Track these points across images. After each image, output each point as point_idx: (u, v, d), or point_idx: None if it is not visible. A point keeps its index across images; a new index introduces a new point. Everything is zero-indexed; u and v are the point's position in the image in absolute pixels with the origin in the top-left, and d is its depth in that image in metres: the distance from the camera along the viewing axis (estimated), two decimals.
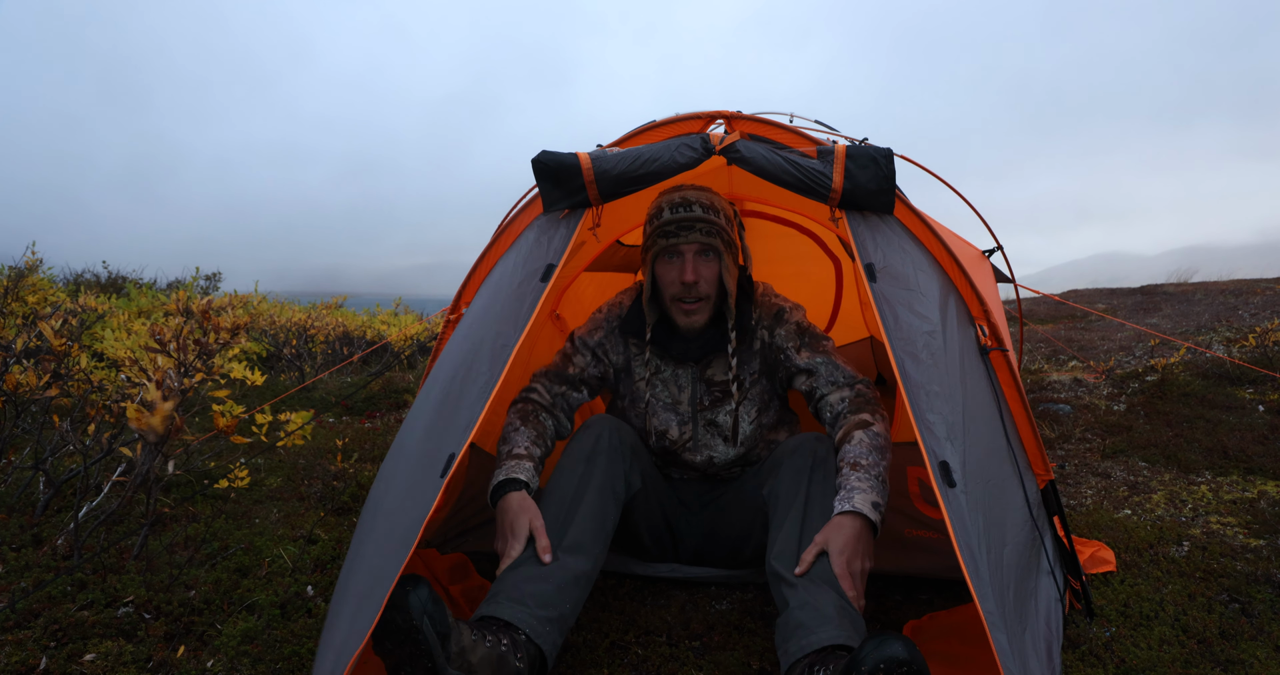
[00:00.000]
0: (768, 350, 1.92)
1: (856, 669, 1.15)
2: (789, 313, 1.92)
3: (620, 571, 1.97)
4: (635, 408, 1.97)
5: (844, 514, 1.52)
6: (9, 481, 2.37)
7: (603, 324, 2.00)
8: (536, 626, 1.41)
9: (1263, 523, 2.33)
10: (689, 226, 1.80)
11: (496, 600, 1.44)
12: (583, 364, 1.96)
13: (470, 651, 1.28)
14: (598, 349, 1.97)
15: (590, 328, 2.00)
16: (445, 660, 1.23)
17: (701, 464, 1.95)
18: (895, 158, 1.61)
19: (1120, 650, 1.58)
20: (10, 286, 3.28)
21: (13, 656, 1.46)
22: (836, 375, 1.82)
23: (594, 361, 1.97)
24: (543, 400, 1.89)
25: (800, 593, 1.43)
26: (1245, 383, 4.18)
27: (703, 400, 1.93)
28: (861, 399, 1.77)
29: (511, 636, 1.37)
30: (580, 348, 1.98)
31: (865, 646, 1.17)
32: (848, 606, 1.41)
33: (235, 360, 2.32)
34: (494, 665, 1.30)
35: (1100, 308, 7.91)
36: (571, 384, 1.95)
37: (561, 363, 1.97)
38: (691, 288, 1.81)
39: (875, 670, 1.13)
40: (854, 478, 1.57)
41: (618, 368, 2.00)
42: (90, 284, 6.99)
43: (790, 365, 1.88)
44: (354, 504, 2.50)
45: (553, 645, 1.42)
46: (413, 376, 5.07)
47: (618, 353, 1.98)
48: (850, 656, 1.19)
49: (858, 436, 1.65)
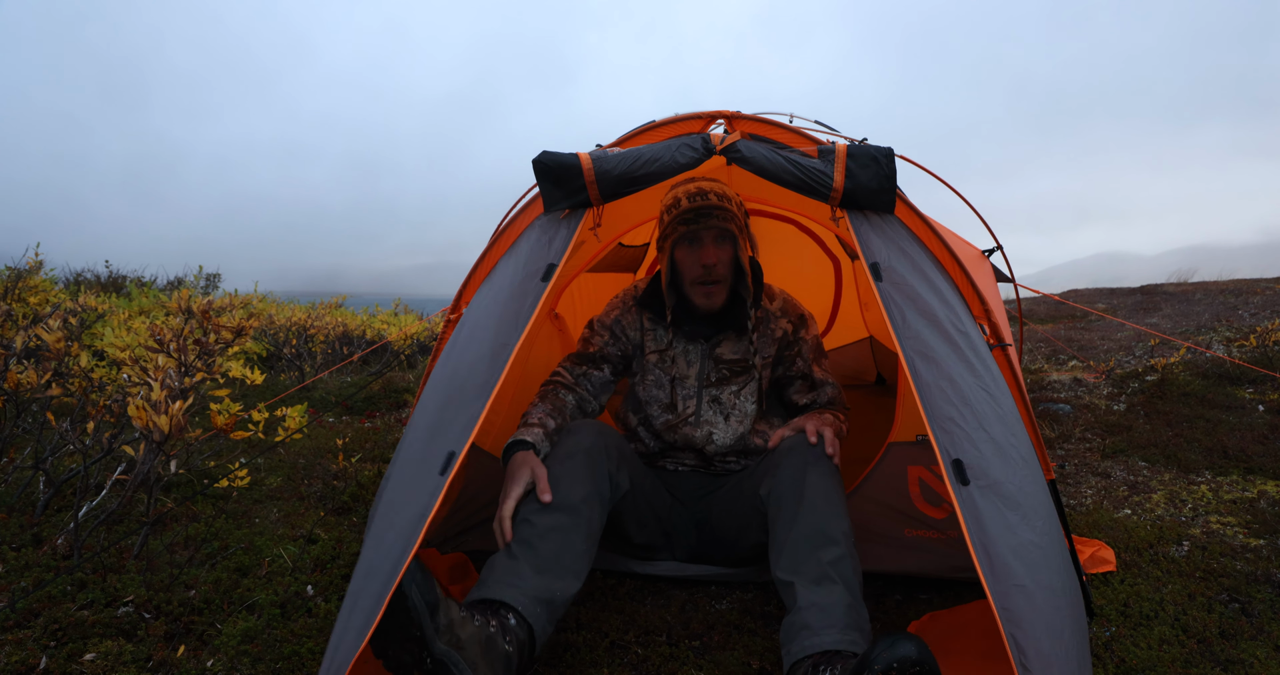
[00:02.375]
0: (786, 343, 2.05)
1: (868, 669, 1.14)
2: (810, 322, 2.10)
3: (620, 571, 1.97)
4: (645, 380, 2.06)
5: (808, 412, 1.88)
6: (9, 481, 2.37)
7: (619, 305, 2.12)
8: (529, 605, 1.41)
9: (1263, 522, 2.33)
10: (707, 214, 1.89)
11: (485, 585, 1.45)
12: (601, 342, 2.07)
13: (459, 626, 1.27)
14: (615, 327, 2.09)
15: (608, 310, 2.12)
16: (434, 632, 1.22)
17: (700, 441, 1.99)
18: (895, 157, 1.61)
19: (1120, 650, 1.58)
20: (10, 287, 3.28)
21: (13, 656, 1.46)
22: (837, 399, 2.05)
23: (613, 340, 2.08)
24: (564, 380, 2.01)
25: (810, 594, 1.44)
26: (1245, 383, 4.18)
27: (710, 376, 2.01)
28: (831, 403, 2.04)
29: (501, 620, 1.37)
30: (599, 329, 2.09)
31: (877, 646, 1.16)
32: (858, 611, 1.41)
33: (234, 359, 2.32)
34: (482, 644, 1.29)
35: (1100, 307, 7.91)
36: (592, 362, 2.05)
37: (582, 345, 2.09)
38: (711, 270, 1.91)
39: (888, 670, 1.13)
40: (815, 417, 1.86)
41: (635, 343, 2.09)
42: (90, 283, 6.98)
43: (805, 371, 2.05)
44: (354, 504, 2.50)
45: (543, 628, 1.42)
46: (413, 376, 5.07)
47: (635, 329, 2.09)
48: (861, 657, 1.19)
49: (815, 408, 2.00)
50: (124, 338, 3.39)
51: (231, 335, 2.12)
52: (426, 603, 1.23)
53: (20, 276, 3.49)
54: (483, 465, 2.17)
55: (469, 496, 2.15)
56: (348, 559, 2.00)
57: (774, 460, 1.74)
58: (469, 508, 2.14)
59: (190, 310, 2.56)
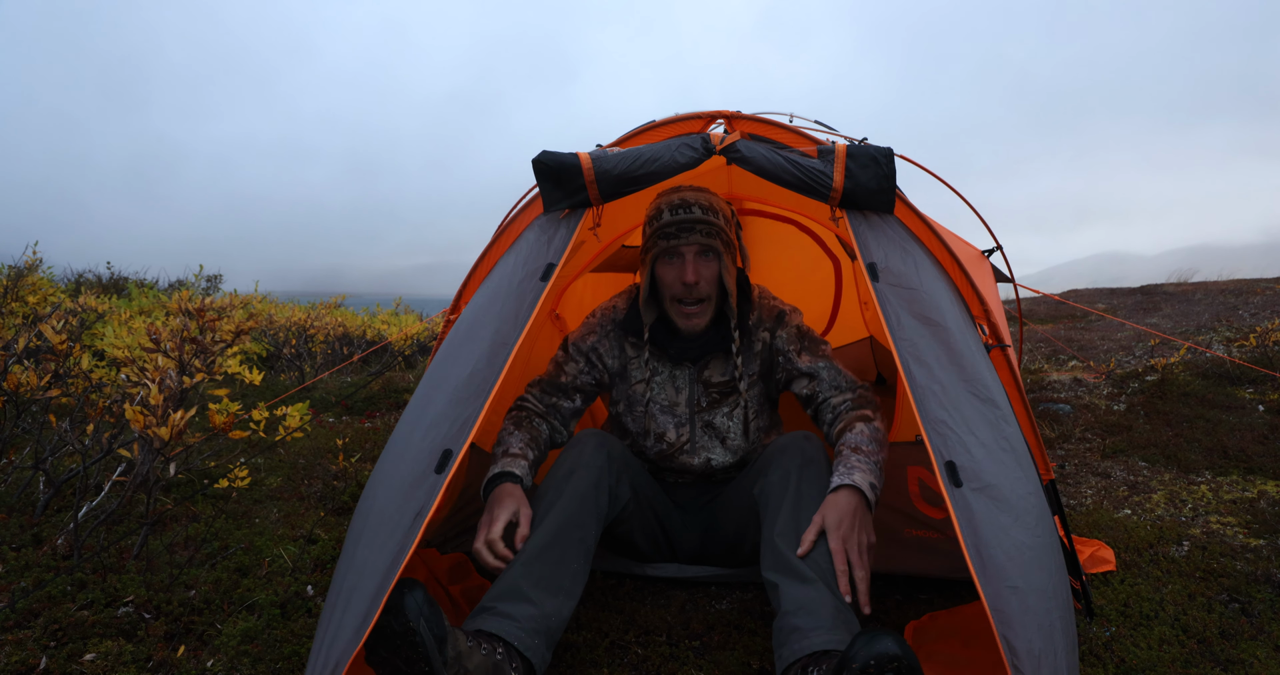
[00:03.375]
0: (768, 352, 1.92)
1: (848, 667, 1.15)
2: (789, 315, 1.93)
3: (620, 572, 1.97)
4: (633, 411, 1.97)
5: (840, 488, 1.53)
6: (9, 481, 2.37)
7: (596, 328, 1.97)
8: (524, 638, 1.40)
9: (1263, 522, 2.33)
10: (689, 228, 1.79)
11: (482, 616, 1.44)
12: (575, 371, 1.94)
13: (466, 657, 1.27)
14: (591, 354, 1.96)
15: (584, 332, 1.98)
16: (442, 665, 1.22)
17: (699, 467, 1.95)
18: (895, 157, 1.61)
19: (1120, 650, 1.58)
20: (10, 286, 3.28)
21: (13, 656, 1.46)
22: (839, 380, 1.84)
23: (587, 368, 1.95)
24: (536, 408, 1.90)
25: (796, 595, 1.42)
26: (1245, 383, 4.18)
27: (700, 402, 1.93)
28: (863, 400, 1.79)
29: (505, 645, 1.38)
30: (573, 354, 1.96)
31: (855, 644, 1.16)
32: (844, 609, 1.41)
33: (233, 359, 2.32)
34: (490, 672, 1.30)
35: (1100, 308, 7.91)
36: (564, 393, 1.94)
37: (554, 371, 1.96)
38: (692, 288, 1.81)
39: (866, 667, 1.13)
40: (854, 459, 1.59)
41: (613, 371, 1.97)
42: (91, 284, 6.98)
43: (792, 368, 1.89)
44: (354, 504, 2.50)
45: (541, 657, 1.42)
46: (413, 376, 5.07)
47: (613, 356, 1.96)
48: (841, 655, 1.19)
49: (859, 427, 1.68)
50: (124, 338, 3.39)
51: (230, 336, 2.12)
52: (435, 636, 1.23)
53: (20, 276, 3.49)
54: (483, 465, 2.17)
55: (469, 497, 2.15)
56: None
57: (767, 459, 1.72)
58: (469, 508, 2.14)
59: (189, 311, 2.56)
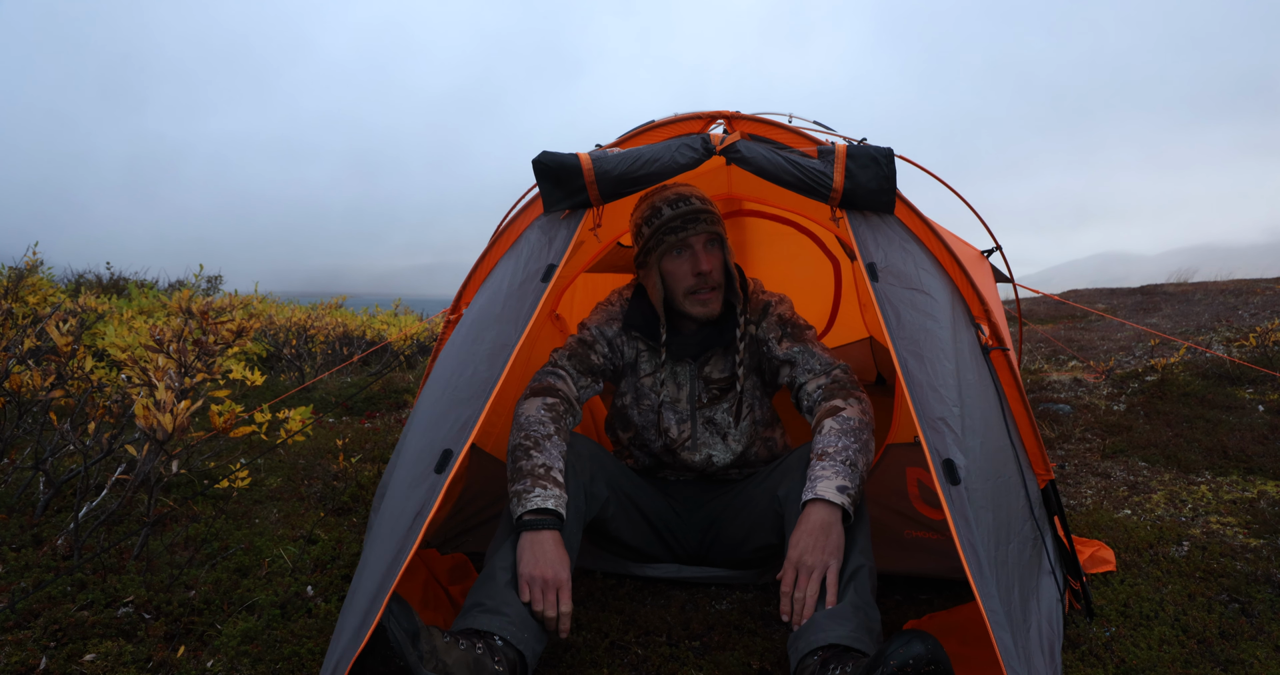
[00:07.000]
0: (754, 344, 1.93)
1: (883, 665, 1.14)
2: (774, 305, 1.94)
3: (620, 572, 1.97)
4: (640, 405, 1.98)
5: (807, 504, 1.52)
6: (9, 481, 2.37)
7: (618, 316, 1.98)
8: (515, 632, 1.39)
9: (1263, 523, 2.33)
10: (694, 219, 1.83)
11: (470, 614, 1.43)
12: (603, 352, 1.94)
13: (444, 652, 1.26)
14: (615, 340, 1.96)
15: (604, 318, 1.97)
16: (418, 660, 1.21)
17: (700, 464, 1.95)
18: (895, 158, 1.62)
19: (1120, 650, 1.58)
20: (10, 287, 3.28)
21: (13, 656, 1.46)
22: (812, 363, 1.83)
23: (610, 352, 1.96)
24: (570, 392, 1.82)
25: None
26: (1245, 383, 4.18)
27: (701, 398, 1.94)
28: (836, 384, 1.77)
29: (488, 642, 1.36)
30: (599, 337, 1.95)
31: (891, 645, 1.16)
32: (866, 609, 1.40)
33: (234, 360, 2.32)
34: (470, 667, 1.28)
35: (1100, 308, 7.91)
36: (594, 375, 1.91)
37: (583, 350, 1.92)
38: (707, 277, 1.82)
39: (903, 668, 1.13)
40: (818, 467, 1.56)
41: (628, 362, 1.99)
42: (91, 284, 6.98)
43: (772, 357, 1.89)
44: (354, 504, 2.50)
45: (533, 649, 1.41)
46: (413, 376, 5.07)
47: (627, 347, 1.98)
48: (875, 655, 1.19)
49: (826, 426, 1.65)
50: (125, 338, 3.39)
51: (231, 336, 2.12)
52: (406, 632, 1.22)
53: (21, 276, 3.49)
54: (483, 466, 2.18)
55: (469, 497, 2.15)
56: (348, 559, 2.00)
57: (795, 461, 1.70)
58: (470, 509, 2.14)
59: (190, 311, 2.57)
